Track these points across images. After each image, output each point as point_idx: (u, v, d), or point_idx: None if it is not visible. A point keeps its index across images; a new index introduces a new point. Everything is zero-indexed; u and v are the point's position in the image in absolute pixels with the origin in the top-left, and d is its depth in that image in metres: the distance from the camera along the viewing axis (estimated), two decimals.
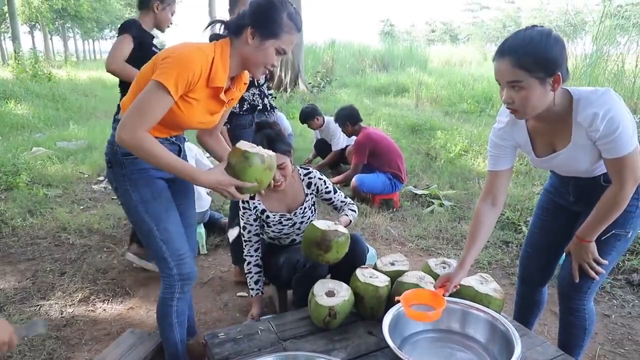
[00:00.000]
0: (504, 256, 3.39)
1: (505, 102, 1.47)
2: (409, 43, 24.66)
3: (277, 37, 1.56)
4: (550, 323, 2.58)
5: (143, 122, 1.44)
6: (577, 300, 1.82)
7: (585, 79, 6.03)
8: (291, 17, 1.56)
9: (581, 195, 1.75)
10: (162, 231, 1.66)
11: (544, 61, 1.36)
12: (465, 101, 10.53)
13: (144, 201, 1.63)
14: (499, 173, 1.73)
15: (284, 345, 1.72)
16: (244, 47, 1.58)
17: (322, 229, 1.92)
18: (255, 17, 1.55)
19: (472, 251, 1.70)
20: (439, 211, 4.29)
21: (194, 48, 1.50)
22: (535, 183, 4.93)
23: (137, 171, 1.62)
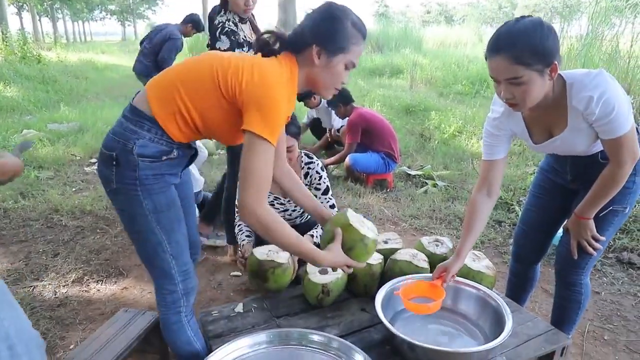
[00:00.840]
0: (497, 235, 3.41)
1: (504, 98, 1.44)
2: (403, 24, 24.38)
3: (346, 51, 1.39)
4: (541, 300, 2.61)
5: (262, 193, 1.29)
6: (575, 276, 1.84)
7: (580, 60, 6.01)
8: (356, 25, 1.40)
9: (578, 173, 1.75)
10: (174, 245, 1.46)
11: (541, 53, 1.32)
12: (459, 82, 10.48)
13: (157, 211, 1.40)
14: (495, 162, 1.72)
15: (278, 322, 1.74)
16: (312, 68, 1.41)
17: (259, 258, 1.84)
18: (319, 34, 1.38)
19: (468, 241, 1.69)
20: (432, 191, 4.31)
21: (279, 86, 1.31)
22: (528, 163, 4.95)
23: (152, 176, 1.37)
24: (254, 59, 1.38)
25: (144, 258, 1.49)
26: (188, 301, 1.55)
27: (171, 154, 1.39)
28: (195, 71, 1.37)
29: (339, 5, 1.42)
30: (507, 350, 1.58)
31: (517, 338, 1.64)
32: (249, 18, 2.70)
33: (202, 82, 1.34)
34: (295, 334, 1.56)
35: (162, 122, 1.35)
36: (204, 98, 1.35)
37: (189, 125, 1.38)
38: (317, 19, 1.39)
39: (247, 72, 1.31)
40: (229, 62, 1.35)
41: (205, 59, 1.39)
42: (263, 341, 1.53)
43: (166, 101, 1.35)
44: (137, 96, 1.42)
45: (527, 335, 1.67)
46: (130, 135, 1.34)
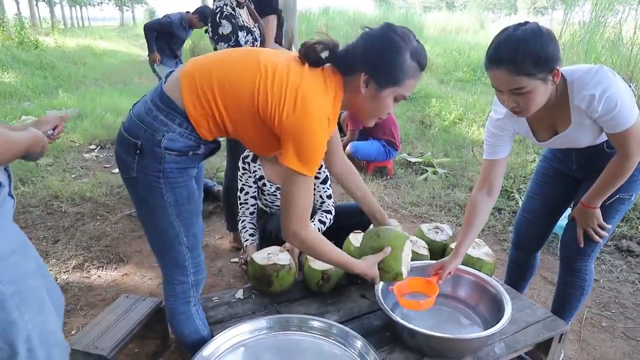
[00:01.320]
0: (497, 223, 3.41)
1: (508, 107, 1.42)
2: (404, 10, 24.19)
3: (398, 84, 1.28)
4: (540, 287, 2.62)
5: (305, 220, 1.32)
6: (580, 262, 1.85)
7: (583, 47, 5.96)
8: (415, 56, 1.26)
9: (584, 162, 1.75)
10: (191, 237, 1.43)
11: (543, 61, 1.30)
12: (460, 69, 10.43)
13: (177, 204, 1.35)
14: (496, 161, 1.70)
15: (278, 309, 1.74)
16: (357, 95, 1.31)
17: (260, 264, 1.79)
18: (371, 62, 1.25)
19: (466, 240, 1.69)
20: (432, 179, 4.30)
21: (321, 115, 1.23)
22: (529, 151, 4.94)
23: (177, 170, 1.31)
24: (301, 79, 1.24)
25: (157, 248, 1.45)
26: (197, 292, 1.54)
27: (199, 149, 1.35)
28: (236, 81, 1.25)
29: (400, 30, 1.26)
30: (506, 337, 1.60)
31: (516, 324, 1.65)
32: (246, 3, 2.67)
33: (240, 98, 1.25)
34: (296, 320, 1.57)
35: (194, 121, 1.27)
36: (240, 113, 1.28)
37: (220, 128, 1.32)
38: (372, 44, 1.26)
39: (289, 102, 1.21)
40: (272, 83, 1.23)
41: (250, 68, 1.26)
42: (263, 327, 1.54)
43: (200, 102, 1.26)
44: (168, 81, 1.32)
45: (526, 322, 1.68)
46: (159, 127, 1.26)
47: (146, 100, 1.31)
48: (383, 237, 1.56)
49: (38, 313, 1.12)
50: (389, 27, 1.27)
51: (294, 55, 1.33)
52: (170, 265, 1.47)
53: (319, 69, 1.29)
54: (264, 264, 1.78)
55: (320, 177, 2.31)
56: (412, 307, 1.63)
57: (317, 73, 1.28)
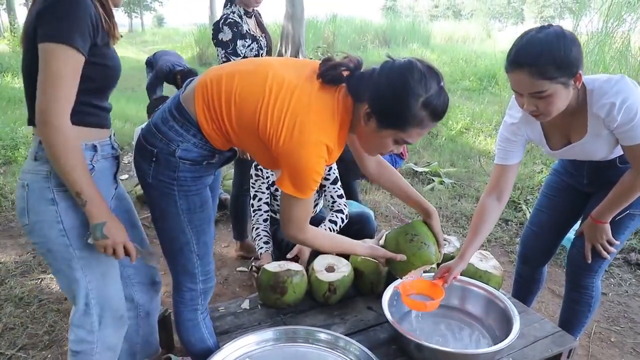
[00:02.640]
0: (504, 234, 3.39)
1: (528, 110, 1.41)
2: (411, 18, 24.26)
3: (401, 130, 1.22)
4: (548, 301, 2.60)
5: (301, 227, 1.37)
6: (587, 279, 1.83)
7: (592, 57, 5.94)
8: (428, 107, 1.17)
9: (595, 177, 1.73)
10: (201, 245, 1.44)
11: (566, 65, 1.29)
12: (467, 78, 10.41)
13: (190, 211, 1.37)
14: (507, 167, 1.69)
15: (284, 320, 1.74)
16: (359, 126, 1.27)
17: (273, 271, 1.77)
18: (378, 98, 1.19)
19: (473, 244, 1.68)
20: (439, 189, 4.29)
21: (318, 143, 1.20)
22: (536, 162, 4.91)
23: (191, 178, 1.34)
24: (307, 103, 1.21)
25: (168, 254, 1.48)
26: (205, 300, 1.55)
27: (213, 158, 1.37)
28: (240, 100, 1.25)
29: (419, 74, 1.15)
30: (514, 352, 1.58)
31: (524, 339, 1.64)
32: (255, 14, 2.68)
33: (243, 117, 1.26)
34: (302, 331, 1.56)
35: (206, 133, 1.30)
36: (243, 129, 1.29)
37: (231, 141, 1.35)
38: (386, 81, 1.18)
39: (287, 129, 1.19)
40: (274, 108, 1.21)
41: (256, 88, 1.25)
42: (270, 338, 1.54)
43: (210, 114, 1.28)
44: (186, 91, 1.34)
45: (534, 337, 1.66)
46: (174, 137, 1.29)
47: (164, 110, 1.34)
48: (413, 246, 1.58)
49: (100, 279, 1.38)
50: (408, 67, 1.17)
51: (309, 68, 1.29)
52: (180, 271, 1.48)
53: (332, 89, 1.25)
54: (277, 271, 1.77)
55: (330, 178, 2.31)
56: (416, 308, 1.62)
57: (327, 95, 1.24)
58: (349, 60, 1.27)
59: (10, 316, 2.30)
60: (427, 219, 1.66)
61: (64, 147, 1.16)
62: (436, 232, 1.64)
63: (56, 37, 1.11)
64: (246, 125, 1.27)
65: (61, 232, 1.27)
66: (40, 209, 1.25)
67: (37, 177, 1.25)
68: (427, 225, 1.65)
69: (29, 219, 1.27)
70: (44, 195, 1.24)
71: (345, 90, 1.26)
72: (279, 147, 1.22)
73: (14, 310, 2.35)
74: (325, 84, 1.24)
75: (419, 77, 1.15)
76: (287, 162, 1.24)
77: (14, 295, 2.46)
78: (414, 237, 1.59)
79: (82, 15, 1.14)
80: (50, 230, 1.26)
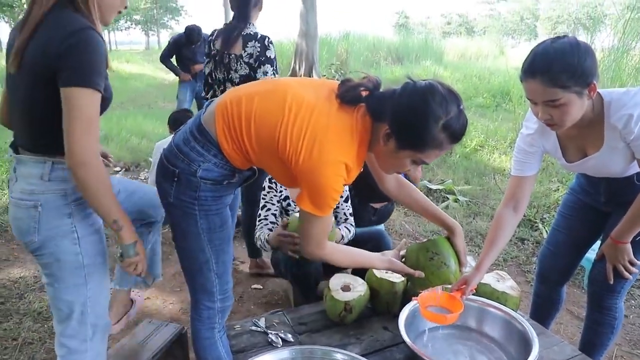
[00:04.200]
0: (520, 253, 3.36)
1: (542, 119, 1.42)
2: (424, 35, 24.40)
3: (419, 151, 1.23)
4: (567, 322, 2.55)
5: (320, 244, 1.38)
6: (610, 300, 1.80)
7: (608, 73, 5.91)
8: (448, 128, 1.17)
9: (613, 195, 1.72)
10: (220, 264, 1.46)
11: (579, 74, 1.30)
12: (481, 95, 10.40)
13: (210, 231, 1.40)
14: (524, 179, 1.69)
15: (300, 339, 1.73)
16: (378, 146, 1.29)
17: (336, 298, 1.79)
18: (399, 120, 1.20)
19: (490, 255, 1.67)
20: (453, 207, 4.27)
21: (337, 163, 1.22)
22: (552, 180, 4.87)
23: (212, 198, 1.36)
24: (326, 122, 1.23)
25: (187, 272, 1.50)
26: (223, 318, 1.56)
27: (233, 178, 1.39)
28: (260, 120, 1.28)
29: (440, 96, 1.17)
30: None
31: None
32: None
33: (262, 137, 1.28)
34: (319, 351, 1.55)
35: (226, 153, 1.32)
36: (262, 149, 1.31)
37: (250, 161, 1.37)
38: (407, 103, 1.19)
39: (307, 149, 1.21)
40: (293, 127, 1.23)
41: (275, 108, 1.27)
42: (286, 358, 1.53)
43: (230, 134, 1.31)
44: (207, 112, 1.37)
45: None
46: (196, 157, 1.32)
47: (185, 131, 1.37)
48: (433, 265, 1.58)
49: (97, 288, 1.41)
50: (429, 89, 1.18)
51: (327, 88, 1.31)
52: (199, 290, 1.50)
53: (350, 109, 1.27)
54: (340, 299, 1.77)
55: (343, 196, 2.32)
56: (435, 320, 1.61)
57: (346, 115, 1.26)
58: (368, 80, 1.29)
59: (29, 331, 2.33)
60: (450, 235, 1.65)
61: (102, 184, 1.25)
62: (459, 250, 1.63)
63: (84, 83, 1.17)
64: (266, 145, 1.29)
65: (74, 240, 1.32)
66: (55, 224, 1.29)
67: (54, 196, 1.29)
68: (450, 242, 1.64)
69: (39, 236, 1.29)
70: (61, 211, 1.29)
71: (364, 109, 1.27)
72: (298, 166, 1.24)
73: (32, 324, 2.38)
74: (344, 103, 1.27)
75: (440, 100, 1.17)
76: (306, 181, 1.25)
77: (32, 310, 2.50)
78: (435, 255, 1.59)
79: (102, 57, 1.21)
80: (64, 240, 1.31)
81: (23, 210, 1.29)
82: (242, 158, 1.35)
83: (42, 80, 1.20)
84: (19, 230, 1.32)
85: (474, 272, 1.67)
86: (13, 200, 1.32)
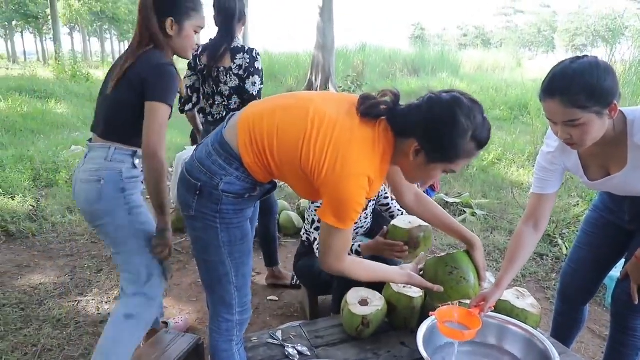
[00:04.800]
0: (539, 269, 3.30)
1: (562, 138, 1.41)
2: (440, 47, 24.41)
3: (451, 162, 1.26)
4: (588, 341, 2.50)
5: (339, 258, 1.37)
6: (634, 320, 1.76)
7: (629, 88, 5.83)
8: (476, 138, 1.21)
9: (637, 214, 1.69)
10: (240, 277, 1.48)
11: (599, 95, 1.28)
12: (498, 107, 10.35)
13: (231, 244, 1.42)
14: (545, 196, 1.68)
15: (317, 353, 1.73)
16: (405, 159, 1.29)
17: (406, 228, 1.88)
18: (428, 135, 1.21)
19: (509, 272, 1.65)
20: (471, 220, 4.22)
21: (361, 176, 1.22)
22: (572, 194, 4.79)
23: (233, 211, 1.39)
24: (349, 136, 1.24)
25: (207, 284, 1.53)
26: (241, 331, 1.57)
27: (255, 191, 1.41)
28: (283, 133, 1.30)
29: (467, 106, 1.19)
30: None
31: None
32: None
33: (286, 150, 1.30)
34: None
35: (248, 166, 1.34)
36: (285, 162, 1.32)
37: (272, 174, 1.38)
38: (435, 117, 1.21)
39: (330, 162, 1.22)
40: (316, 141, 1.24)
41: (298, 121, 1.28)
42: None
43: (252, 149, 1.32)
44: (228, 126, 1.40)
45: None
46: (218, 171, 1.34)
47: (207, 144, 1.40)
48: (452, 280, 1.56)
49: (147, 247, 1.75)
50: (456, 102, 1.20)
51: (348, 102, 1.32)
52: (218, 302, 1.52)
53: (372, 123, 1.28)
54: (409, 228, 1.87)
55: (389, 196, 2.31)
56: (453, 337, 1.58)
57: (368, 129, 1.26)
58: (388, 94, 1.32)
59: (48, 337, 2.36)
60: (470, 249, 1.63)
61: (161, 172, 1.63)
62: (478, 265, 1.61)
63: (162, 99, 1.62)
64: (288, 158, 1.30)
65: (127, 210, 1.69)
66: (113, 195, 1.67)
67: (112, 173, 1.67)
68: (469, 257, 1.62)
69: (102, 204, 1.67)
70: (117, 186, 1.67)
71: (385, 123, 1.29)
72: (321, 179, 1.25)
73: (51, 331, 2.41)
74: (365, 118, 1.28)
75: (467, 112, 1.19)
76: (329, 194, 1.26)
77: (52, 317, 2.53)
78: (454, 270, 1.57)
79: (175, 83, 1.68)
80: (119, 209, 1.68)
81: (91, 184, 1.66)
82: (264, 171, 1.36)
83: (134, 93, 1.65)
84: (87, 201, 1.68)
85: (493, 289, 1.65)
86: (81, 179, 1.69)
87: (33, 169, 5.02)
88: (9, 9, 27.30)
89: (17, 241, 3.53)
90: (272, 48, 20.93)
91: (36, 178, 4.88)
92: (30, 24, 29.81)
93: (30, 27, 29.84)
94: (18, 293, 2.77)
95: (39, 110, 8.74)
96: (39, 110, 8.74)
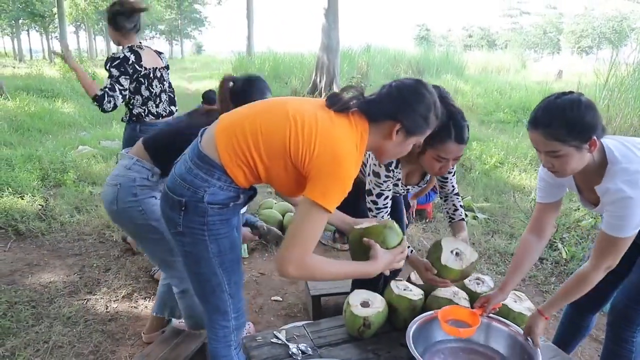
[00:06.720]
0: (538, 273, 3.35)
1: (545, 167, 1.51)
2: (445, 48, 24.40)
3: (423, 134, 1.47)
4: (585, 344, 2.54)
5: (308, 250, 1.31)
6: (628, 331, 1.80)
7: (631, 92, 5.86)
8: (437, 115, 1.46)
9: None
10: (232, 285, 1.52)
11: (578, 131, 1.37)
12: (502, 110, 10.36)
13: (220, 254, 1.45)
14: (548, 205, 1.74)
15: (319, 352, 1.79)
16: (384, 140, 1.43)
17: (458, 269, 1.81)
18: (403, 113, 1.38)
19: (514, 278, 1.73)
20: (472, 224, 4.27)
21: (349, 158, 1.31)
22: (573, 199, 4.83)
23: (219, 222, 1.41)
24: (330, 124, 1.33)
25: (200, 295, 1.56)
26: (238, 336, 1.63)
27: (238, 199, 1.45)
28: (267, 130, 1.35)
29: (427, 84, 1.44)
30: None
31: None
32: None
33: (272, 144, 1.34)
34: None
35: (230, 172, 1.37)
36: (272, 158, 1.36)
37: (254, 174, 1.40)
38: (404, 97, 1.39)
39: (320, 145, 1.30)
40: (303, 129, 1.32)
41: (280, 119, 1.35)
42: None
43: (235, 153, 1.36)
44: (204, 139, 1.43)
45: None
46: (200, 184, 1.37)
47: (186, 160, 1.43)
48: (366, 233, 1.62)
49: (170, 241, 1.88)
50: (419, 82, 1.43)
51: (319, 103, 1.42)
52: (213, 311, 1.57)
53: (345, 115, 1.38)
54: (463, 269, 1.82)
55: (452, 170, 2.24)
56: (452, 333, 1.68)
57: (344, 119, 1.37)
58: (350, 91, 1.44)
59: (59, 334, 2.43)
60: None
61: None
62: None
63: None
64: (276, 153, 1.35)
65: (141, 212, 1.91)
66: (126, 199, 1.90)
67: (127, 179, 1.90)
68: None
69: (118, 205, 1.91)
70: (129, 191, 1.89)
71: (358, 113, 1.40)
72: (313, 161, 1.30)
73: (62, 329, 2.48)
74: (337, 112, 1.38)
75: (429, 89, 1.42)
76: (323, 173, 1.29)
77: (62, 315, 2.61)
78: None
79: None
80: (133, 211, 1.91)
81: (110, 187, 1.93)
82: (248, 173, 1.39)
83: None
84: (107, 202, 1.95)
85: (497, 292, 1.73)
86: (107, 183, 1.96)
87: (41, 168, 5.10)
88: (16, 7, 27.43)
89: (27, 240, 3.61)
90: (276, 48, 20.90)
91: (44, 178, 4.95)
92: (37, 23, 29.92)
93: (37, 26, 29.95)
94: (29, 291, 2.84)
95: (46, 109, 8.82)
96: (46, 109, 8.82)
